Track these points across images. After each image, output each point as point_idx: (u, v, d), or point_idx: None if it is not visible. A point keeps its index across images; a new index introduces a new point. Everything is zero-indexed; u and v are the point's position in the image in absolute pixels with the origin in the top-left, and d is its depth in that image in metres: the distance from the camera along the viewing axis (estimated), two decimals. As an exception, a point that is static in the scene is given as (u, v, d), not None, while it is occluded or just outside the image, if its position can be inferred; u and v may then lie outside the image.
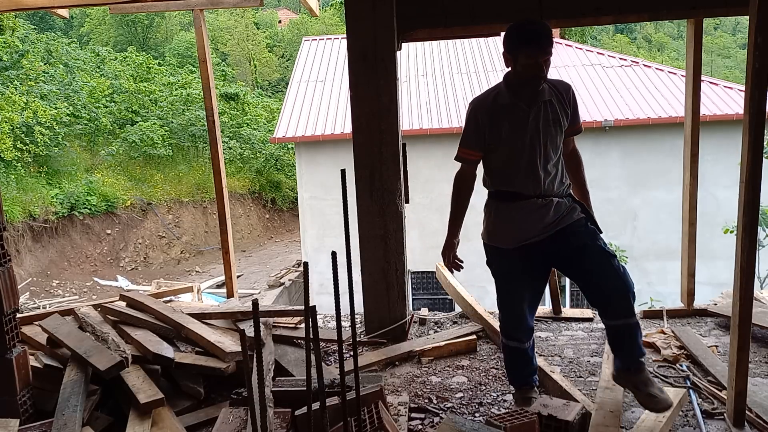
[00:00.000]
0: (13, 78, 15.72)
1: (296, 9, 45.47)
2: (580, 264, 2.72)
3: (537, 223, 2.73)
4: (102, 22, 34.99)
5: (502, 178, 2.80)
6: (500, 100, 2.71)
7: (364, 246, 3.96)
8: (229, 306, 4.13)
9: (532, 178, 2.71)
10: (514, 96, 2.69)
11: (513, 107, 2.69)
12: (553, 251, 2.78)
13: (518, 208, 2.75)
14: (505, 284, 2.93)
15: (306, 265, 2.03)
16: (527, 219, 2.74)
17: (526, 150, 2.69)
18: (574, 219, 2.75)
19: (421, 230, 11.12)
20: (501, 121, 2.70)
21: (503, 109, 2.70)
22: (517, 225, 2.77)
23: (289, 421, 2.62)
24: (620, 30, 48.20)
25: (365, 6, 3.73)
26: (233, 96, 22.36)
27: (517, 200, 2.76)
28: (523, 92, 2.68)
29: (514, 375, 3.07)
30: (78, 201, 14.68)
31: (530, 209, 2.73)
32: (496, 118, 2.71)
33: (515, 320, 2.95)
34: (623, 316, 2.65)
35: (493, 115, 2.71)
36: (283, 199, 21.32)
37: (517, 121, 2.69)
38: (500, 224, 2.83)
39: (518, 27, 2.60)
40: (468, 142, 2.83)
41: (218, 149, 4.93)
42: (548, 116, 2.69)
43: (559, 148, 2.76)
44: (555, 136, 2.72)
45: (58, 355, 3.27)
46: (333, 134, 11.21)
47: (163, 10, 5.06)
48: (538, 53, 2.54)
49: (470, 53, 13.66)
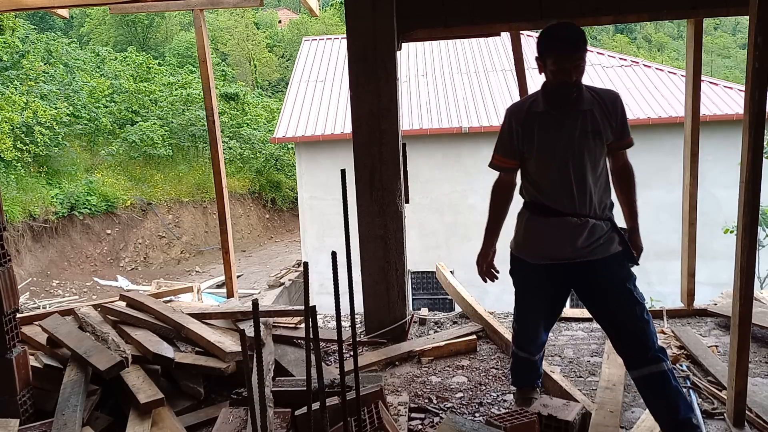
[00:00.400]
0: (13, 78, 15.72)
1: (296, 9, 45.48)
2: (605, 304, 2.58)
3: (567, 244, 2.56)
4: (102, 22, 34.99)
5: (535, 189, 2.64)
6: (534, 108, 2.57)
7: (364, 246, 3.96)
8: (229, 306, 4.13)
9: (565, 193, 2.53)
10: (548, 104, 2.54)
11: (545, 115, 2.54)
12: (579, 280, 2.64)
13: (549, 224, 2.59)
14: (525, 298, 2.84)
15: (306, 265, 2.03)
16: (557, 237, 2.57)
17: (557, 162, 2.52)
18: (610, 252, 2.56)
19: (421, 230, 11.13)
20: (533, 129, 2.56)
21: (536, 117, 2.55)
22: (546, 242, 2.62)
23: (289, 421, 2.62)
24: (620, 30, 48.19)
25: (365, 6, 3.73)
26: (233, 96, 22.36)
27: (549, 215, 2.58)
28: (556, 100, 2.52)
29: (517, 377, 3.05)
30: (78, 201, 14.68)
31: (562, 227, 2.55)
32: (529, 125, 2.56)
33: (529, 335, 2.89)
34: (645, 363, 2.48)
35: (526, 122, 2.57)
36: (283, 199, 21.32)
37: (549, 130, 2.53)
38: (529, 237, 2.69)
39: (546, 30, 2.48)
40: (501, 150, 2.69)
41: (218, 149, 4.93)
42: (586, 127, 2.49)
43: (599, 162, 2.54)
44: (594, 149, 2.51)
45: (58, 355, 3.27)
46: (333, 134, 11.21)
47: (163, 10, 5.06)
48: (564, 58, 2.40)
49: (470, 53, 13.66)
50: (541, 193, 2.61)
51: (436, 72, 13.06)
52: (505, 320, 4.37)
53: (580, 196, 2.52)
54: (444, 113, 11.56)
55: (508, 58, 12.94)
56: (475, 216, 11.42)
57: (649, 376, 2.48)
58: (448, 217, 11.46)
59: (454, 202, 11.42)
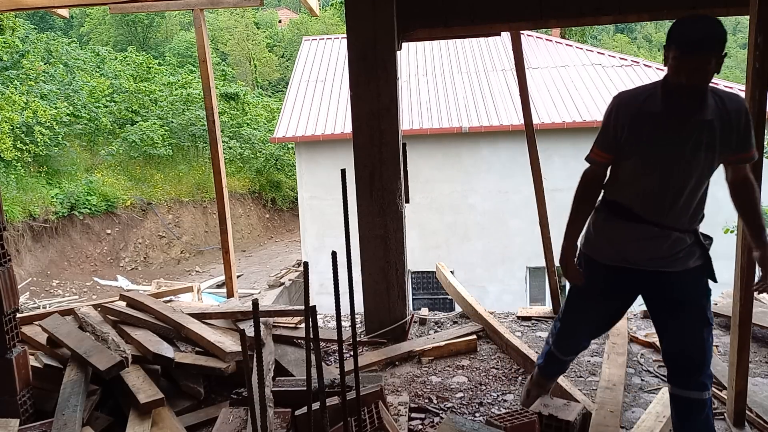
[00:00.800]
0: (13, 78, 15.71)
1: (296, 9, 45.47)
2: (674, 319, 2.40)
3: (644, 252, 2.36)
4: (102, 21, 34.98)
5: (623, 192, 2.39)
6: (649, 105, 2.23)
7: (364, 246, 3.96)
8: (229, 306, 4.13)
9: (657, 203, 2.29)
10: (667, 105, 2.20)
11: (661, 118, 2.21)
12: (652, 289, 2.45)
13: (629, 229, 2.37)
14: (581, 300, 2.59)
15: (306, 265, 2.03)
16: (635, 244, 2.37)
17: (659, 173, 2.25)
18: (689, 267, 2.36)
19: (421, 230, 11.13)
20: (641, 128, 2.24)
21: (649, 117, 2.23)
22: (623, 245, 2.40)
23: (289, 421, 2.62)
24: (620, 30, 48.19)
25: (365, 6, 3.73)
26: (233, 96, 22.35)
27: (630, 220, 2.36)
28: (677, 103, 2.18)
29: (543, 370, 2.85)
30: (78, 201, 14.68)
31: (642, 235, 2.34)
32: (638, 124, 2.25)
33: (573, 340, 2.68)
34: (694, 388, 2.38)
35: (636, 120, 2.25)
36: (283, 199, 21.32)
37: (660, 135, 2.22)
38: (604, 236, 2.46)
39: (679, 20, 2.18)
40: (600, 142, 2.38)
41: (218, 149, 4.93)
42: (702, 140, 2.19)
43: (705, 177, 2.28)
44: (703, 163, 2.23)
45: (58, 355, 3.27)
46: (333, 134, 11.21)
47: (163, 9, 5.06)
48: (685, 58, 2.08)
49: (470, 53, 13.66)
50: (628, 197, 2.37)
51: (436, 72, 13.06)
52: (505, 320, 4.37)
53: (673, 210, 2.29)
54: (444, 113, 11.56)
55: (508, 58, 12.94)
56: (475, 216, 11.44)
57: (688, 399, 2.40)
58: (448, 217, 11.46)
59: (454, 202, 11.43)
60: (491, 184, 11.30)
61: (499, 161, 11.19)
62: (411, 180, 4.12)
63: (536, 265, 10.99)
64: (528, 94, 4.24)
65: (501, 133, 11.05)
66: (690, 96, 2.15)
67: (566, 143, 11.01)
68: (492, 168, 11.27)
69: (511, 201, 11.17)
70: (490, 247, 11.40)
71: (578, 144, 11.11)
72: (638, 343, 3.81)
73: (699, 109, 2.18)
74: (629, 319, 4.24)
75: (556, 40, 14.11)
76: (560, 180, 10.98)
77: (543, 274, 10.50)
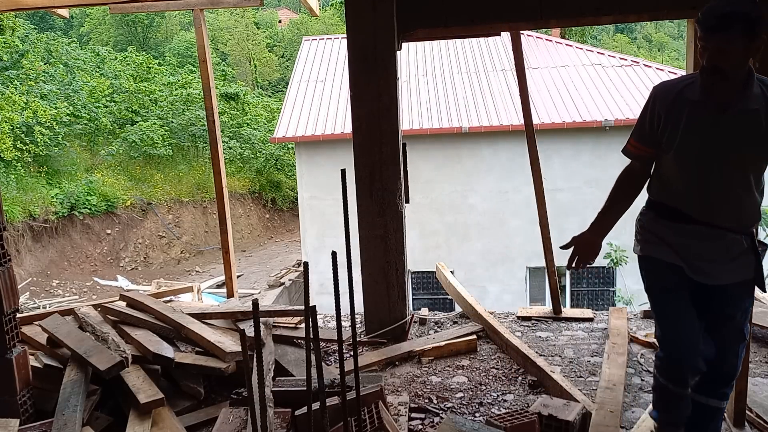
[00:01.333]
0: (13, 78, 15.72)
1: (296, 9, 45.47)
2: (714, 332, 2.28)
3: (699, 255, 2.21)
4: (102, 22, 34.96)
5: (665, 190, 2.27)
6: (688, 93, 2.10)
7: (364, 246, 3.96)
8: (229, 306, 4.13)
9: (702, 201, 2.16)
10: (704, 92, 2.07)
11: (697, 106, 2.09)
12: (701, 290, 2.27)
13: (679, 229, 2.23)
14: (669, 300, 2.32)
15: (306, 265, 2.03)
16: (688, 244, 2.22)
17: (700, 167, 2.13)
18: (740, 279, 2.20)
19: (421, 230, 11.13)
20: (679, 118, 2.11)
21: (687, 106, 2.10)
22: (673, 244, 2.25)
23: (289, 421, 2.62)
24: (620, 30, 48.19)
25: (365, 6, 3.73)
26: (233, 96, 22.36)
27: (677, 221, 2.23)
28: (713, 90, 2.04)
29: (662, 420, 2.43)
30: (78, 201, 14.68)
31: (694, 236, 2.20)
32: (675, 113, 2.12)
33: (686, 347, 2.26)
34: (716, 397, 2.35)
35: (673, 108, 2.12)
36: (283, 199, 21.32)
37: (697, 124, 2.09)
38: (654, 235, 2.32)
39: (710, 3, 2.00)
40: (637, 134, 2.27)
41: (218, 149, 4.93)
42: (743, 129, 2.04)
43: (754, 172, 2.12)
44: (748, 156, 2.08)
45: (58, 355, 3.27)
46: (333, 134, 11.21)
47: (163, 10, 5.06)
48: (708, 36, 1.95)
49: (470, 53, 13.66)
50: (672, 196, 2.24)
51: (436, 72, 13.06)
52: (505, 320, 4.37)
53: (721, 206, 2.14)
54: (444, 113, 11.56)
55: (508, 58, 12.94)
56: (475, 216, 11.44)
57: (706, 406, 2.36)
58: (448, 217, 11.46)
59: (454, 202, 11.43)
60: (491, 184, 11.30)
61: (499, 161, 11.20)
62: (411, 180, 4.12)
63: (536, 265, 10.98)
64: (528, 94, 4.24)
65: (501, 133, 11.05)
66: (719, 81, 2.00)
67: (566, 143, 11.02)
68: (492, 168, 11.27)
69: (511, 201, 11.17)
70: (490, 247, 11.40)
71: (578, 144, 11.14)
72: (638, 343, 3.81)
73: (740, 98, 2.03)
74: (629, 320, 4.24)
75: (556, 40, 14.11)
76: (560, 180, 11.03)
77: (543, 274, 10.49)
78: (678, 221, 2.22)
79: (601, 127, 10.79)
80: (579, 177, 10.99)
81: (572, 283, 11.43)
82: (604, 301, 11.29)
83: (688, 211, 2.19)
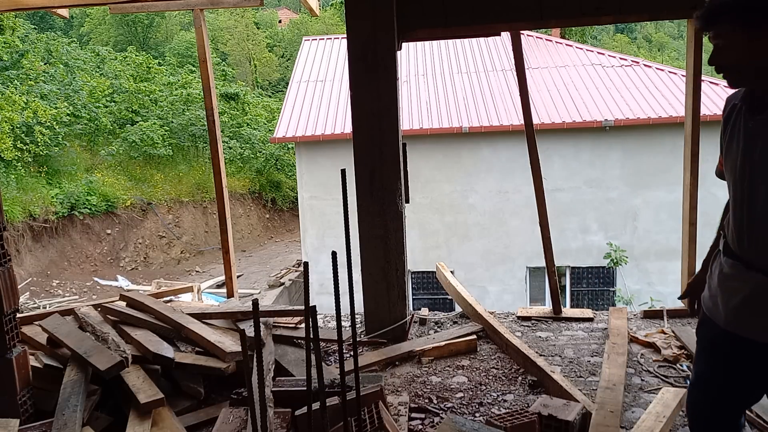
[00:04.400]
0: (13, 78, 15.72)
1: (296, 9, 45.47)
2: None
3: (720, 298, 1.87)
4: (102, 21, 34.97)
5: (725, 219, 1.93)
6: (736, 99, 1.83)
7: (364, 246, 3.96)
8: (229, 306, 4.13)
9: (737, 225, 1.79)
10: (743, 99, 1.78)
11: (738, 112, 1.80)
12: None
13: (719, 266, 1.88)
14: (711, 377, 1.95)
15: (306, 265, 2.03)
16: (716, 285, 1.89)
17: (734, 180, 1.80)
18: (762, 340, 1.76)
19: (421, 230, 11.14)
20: (726, 129, 1.84)
21: (734, 113, 1.82)
22: (711, 290, 1.92)
23: (289, 421, 2.62)
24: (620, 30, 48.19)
25: (365, 6, 3.73)
26: (233, 96, 22.36)
27: (725, 253, 1.86)
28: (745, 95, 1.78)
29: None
30: (78, 201, 14.68)
31: (723, 272, 1.86)
32: (726, 123, 1.84)
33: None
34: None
35: (728, 117, 1.84)
36: (283, 199, 21.32)
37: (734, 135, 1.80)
38: (716, 287, 1.91)
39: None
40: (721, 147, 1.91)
41: (218, 149, 4.93)
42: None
43: None
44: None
45: (58, 355, 3.27)
46: (333, 134, 11.21)
47: (163, 10, 5.06)
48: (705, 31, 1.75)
49: (470, 53, 13.66)
50: (727, 226, 1.87)
51: (436, 72, 13.07)
52: (505, 320, 4.37)
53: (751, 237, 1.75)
54: (444, 113, 11.56)
55: (508, 58, 12.94)
56: (475, 216, 11.44)
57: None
58: (448, 217, 11.47)
59: (454, 202, 11.43)
60: (491, 184, 11.30)
61: (499, 161, 11.20)
62: (411, 180, 4.12)
63: (536, 265, 10.99)
64: (528, 94, 4.24)
65: (501, 133, 11.06)
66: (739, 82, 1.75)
67: (566, 143, 11.03)
68: (492, 168, 11.27)
69: (511, 201, 11.18)
70: (490, 247, 11.41)
71: (578, 144, 11.14)
72: (638, 343, 3.81)
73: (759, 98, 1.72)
74: (629, 320, 4.24)
75: (556, 40, 14.11)
76: (560, 180, 11.05)
77: (543, 274, 10.50)
78: (724, 253, 1.87)
79: (601, 127, 10.80)
80: (579, 177, 11.00)
81: (572, 283, 11.44)
82: (604, 301, 11.29)
83: (730, 240, 1.84)
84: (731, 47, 1.68)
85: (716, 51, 1.71)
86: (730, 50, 1.68)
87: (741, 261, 1.78)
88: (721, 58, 1.70)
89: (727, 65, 1.71)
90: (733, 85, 1.77)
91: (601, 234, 10.97)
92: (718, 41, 1.70)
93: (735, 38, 1.66)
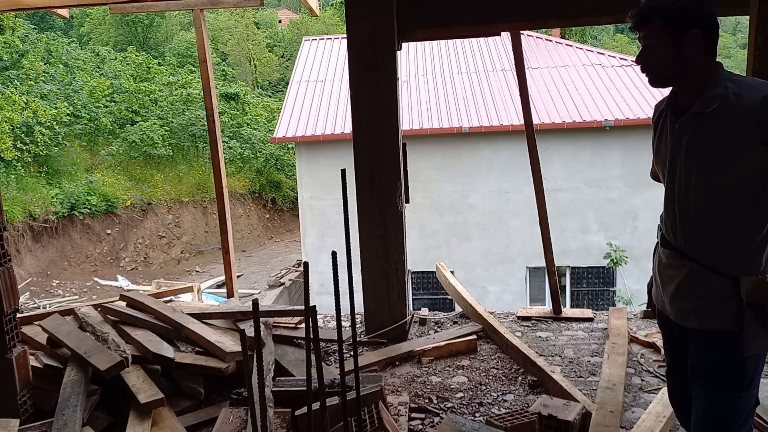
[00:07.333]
0: (13, 78, 15.71)
1: (296, 9, 45.46)
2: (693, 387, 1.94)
3: (659, 284, 2.01)
4: (102, 22, 34.95)
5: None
6: (663, 105, 1.97)
7: (364, 246, 3.96)
8: (229, 306, 4.13)
9: (670, 219, 1.92)
10: (668, 99, 1.93)
11: (665, 116, 1.92)
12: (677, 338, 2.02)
13: (658, 257, 2.01)
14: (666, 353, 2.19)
15: (306, 265, 2.03)
16: (657, 274, 2.03)
17: (667, 178, 1.92)
18: (708, 327, 1.83)
19: (421, 230, 11.14)
20: (655, 132, 1.99)
21: (661, 117, 1.95)
22: (655, 281, 2.06)
23: (289, 421, 2.62)
24: (620, 30, 48.17)
25: (365, 6, 3.73)
26: (233, 96, 22.35)
27: (662, 244, 1.99)
28: (672, 95, 1.90)
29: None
30: (78, 201, 14.67)
31: (660, 260, 1.99)
32: (655, 127, 1.99)
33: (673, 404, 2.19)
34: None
35: (656, 123, 1.99)
36: (283, 199, 21.31)
37: (661, 134, 1.94)
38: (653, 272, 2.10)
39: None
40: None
41: (218, 149, 4.93)
42: (698, 137, 1.77)
43: (728, 190, 1.76)
44: (714, 170, 1.76)
45: (58, 355, 3.27)
46: (333, 134, 11.21)
47: (163, 10, 5.07)
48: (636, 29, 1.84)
49: (470, 53, 13.66)
50: (662, 220, 2.00)
51: (436, 72, 13.07)
52: (505, 320, 4.37)
53: (686, 230, 1.85)
54: (444, 113, 11.56)
55: (508, 58, 12.94)
56: (475, 216, 11.44)
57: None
58: (448, 217, 11.47)
59: (454, 202, 11.44)
60: (491, 184, 11.31)
61: (499, 161, 11.20)
62: (411, 180, 4.12)
63: (536, 265, 10.99)
64: (528, 94, 4.24)
65: (501, 133, 11.06)
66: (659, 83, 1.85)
67: (566, 143, 11.03)
68: (492, 168, 11.27)
69: (511, 201, 11.18)
70: (490, 247, 11.41)
71: (578, 144, 11.15)
72: (638, 343, 3.81)
73: (698, 101, 1.77)
74: (629, 320, 4.24)
75: (556, 40, 14.11)
76: (560, 180, 11.05)
77: (543, 274, 10.50)
78: (663, 245, 1.98)
79: (601, 127, 10.80)
80: (579, 177, 11.00)
81: (572, 283, 11.45)
82: (604, 301, 11.30)
83: (666, 231, 1.95)
84: (657, 48, 1.78)
85: (644, 50, 1.82)
86: (657, 51, 1.79)
87: (676, 251, 1.91)
88: (648, 57, 1.81)
89: (651, 65, 1.82)
90: (654, 84, 1.86)
91: (601, 234, 10.97)
92: (647, 41, 1.80)
93: (663, 41, 1.76)
